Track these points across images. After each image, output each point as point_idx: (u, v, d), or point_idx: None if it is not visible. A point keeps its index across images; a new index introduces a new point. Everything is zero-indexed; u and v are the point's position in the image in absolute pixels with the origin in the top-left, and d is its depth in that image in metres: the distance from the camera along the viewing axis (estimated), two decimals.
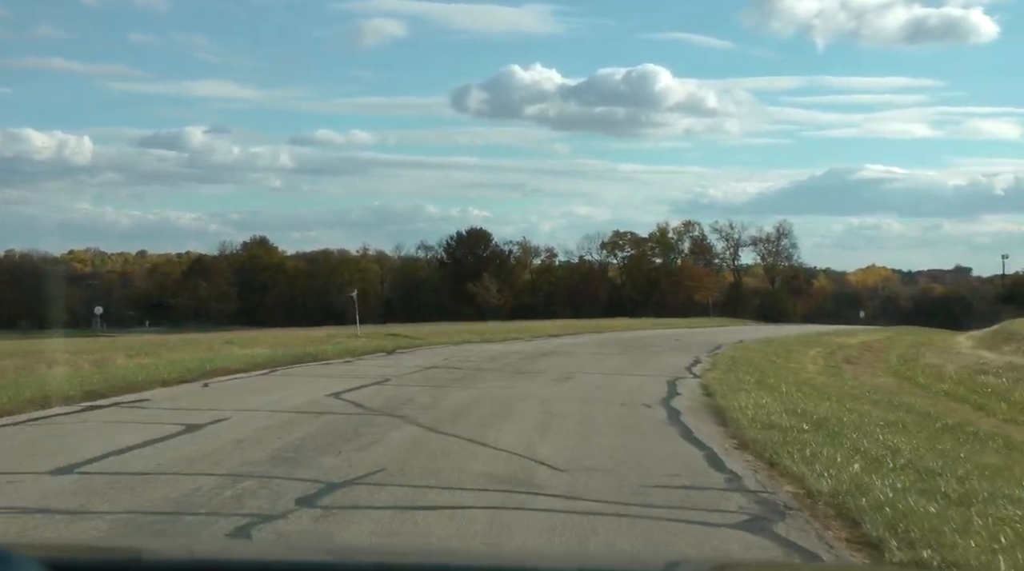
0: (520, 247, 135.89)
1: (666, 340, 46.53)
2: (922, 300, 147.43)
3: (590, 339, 46.49)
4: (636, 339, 47.15)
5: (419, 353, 32.51)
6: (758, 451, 12.49)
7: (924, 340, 61.20)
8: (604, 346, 40.04)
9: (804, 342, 48.44)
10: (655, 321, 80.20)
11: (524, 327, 61.75)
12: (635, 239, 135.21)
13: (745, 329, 68.94)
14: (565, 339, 46.28)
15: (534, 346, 38.49)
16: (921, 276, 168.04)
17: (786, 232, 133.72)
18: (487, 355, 31.58)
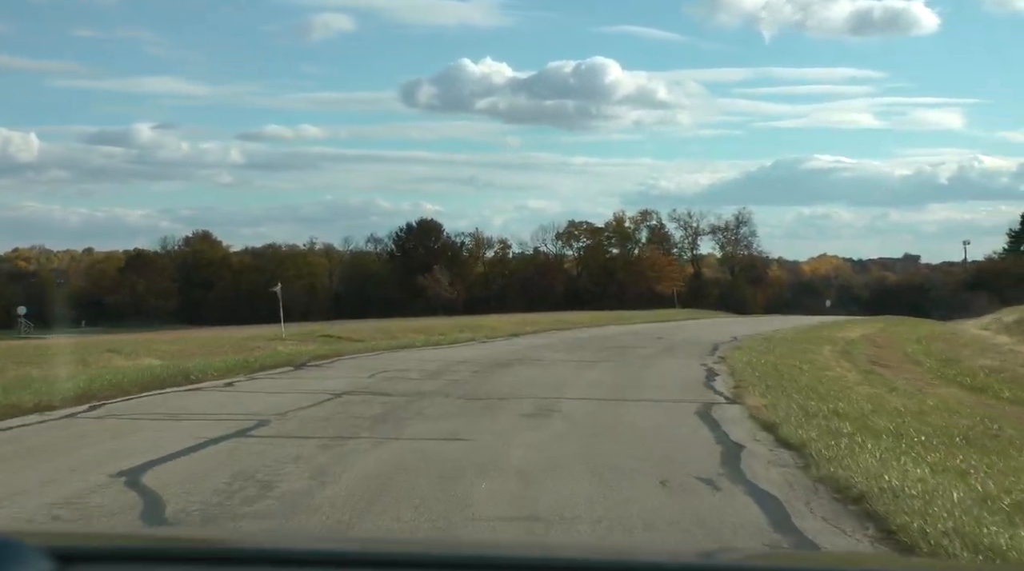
0: (473, 239, 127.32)
1: (645, 338, 38.11)
2: (879, 288, 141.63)
3: (557, 339, 37.93)
4: (610, 338, 38.67)
5: (341, 365, 23.71)
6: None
7: (925, 332, 53.25)
8: (577, 348, 31.49)
9: (806, 339, 40.10)
10: (618, 314, 71.64)
11: (478, 323, 53.18)
12: (591, 229, 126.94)
13: (720, 323, 60.67)
14: (527, 339, 37.75)
15: (492, 350, 29.89)
16: (872, 264, 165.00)
17: (745, 220, 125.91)
18: (431, 367, 22.77)
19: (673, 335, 40.46)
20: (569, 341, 35.73)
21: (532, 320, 60.16)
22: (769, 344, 34.67)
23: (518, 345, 32.83)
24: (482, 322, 54.93)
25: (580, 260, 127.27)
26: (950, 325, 64.54)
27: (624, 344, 33.81)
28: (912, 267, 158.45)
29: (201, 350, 30.43)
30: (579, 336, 39.60)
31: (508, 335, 40.13)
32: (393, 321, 65.83)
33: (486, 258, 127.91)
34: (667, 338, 37.93)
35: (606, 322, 59.12)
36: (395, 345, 32.14)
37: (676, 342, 35.26)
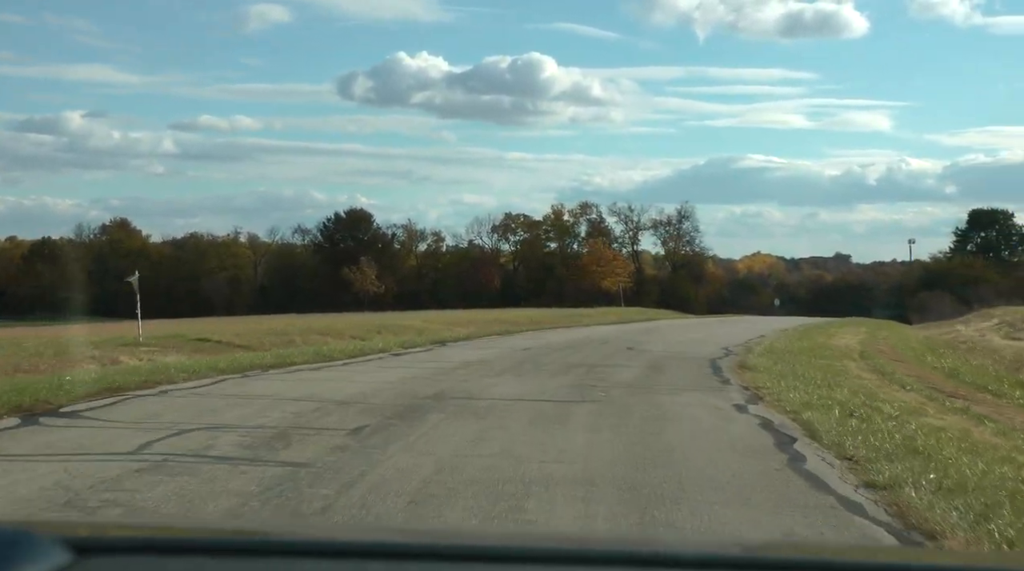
0: (405, 231, 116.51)
1: (614, 348, 27.86)
2: (818, 287, 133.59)
3: (497, 349, 27.34)
4: (568, 348, 28.20)
5: (73, 433, 12.78)
6: None
7: (917, 337, 43.69)
8: (528, 368, 20.93)
9: (815, 351, 29.94)
10: (563, 313, 61.12)
11: (402, 322, 42.90)
12: (528, 222, 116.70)
13: (684, 325, 50.51)
14: (459, 349, 27.29)
15: (405, 373, 19.11)
16: (804, 263, 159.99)
17: (688, 214, 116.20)
18: (257, 436, 11.30)
19: (645, 343, 30.24)
20: (515, 354, 25.23)
21: (467, 319, 49.82)
22: (782, 360, 24.52)
23: (445, 361, 22.30)
24: (407, 321, 44.60)
25: (517, 254, 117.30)
26: (931, 328, 55.00)
27: (592, 359, 23.46)
28: (844, 266, 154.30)
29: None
30: (526, 344, 29.15)
31: (434, 342, 29.65)
32: (311, 317, 55.39)
33: (419, 251, 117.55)
34: (642, 348, 27.69)
35: (553, 322, 48.72)
36: (278, 361, 21.49)
37: (659, 356, 25.04)
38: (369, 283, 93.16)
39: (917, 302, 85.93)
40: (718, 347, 29.39)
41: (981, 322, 49.83)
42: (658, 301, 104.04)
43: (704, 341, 32.36)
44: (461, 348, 27.44)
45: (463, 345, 28.87)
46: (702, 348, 28.80)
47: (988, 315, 54.85)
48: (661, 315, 65.78)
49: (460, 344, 29.20)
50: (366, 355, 23.43)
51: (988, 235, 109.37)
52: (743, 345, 30.89)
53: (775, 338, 35.89)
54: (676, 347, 29.03)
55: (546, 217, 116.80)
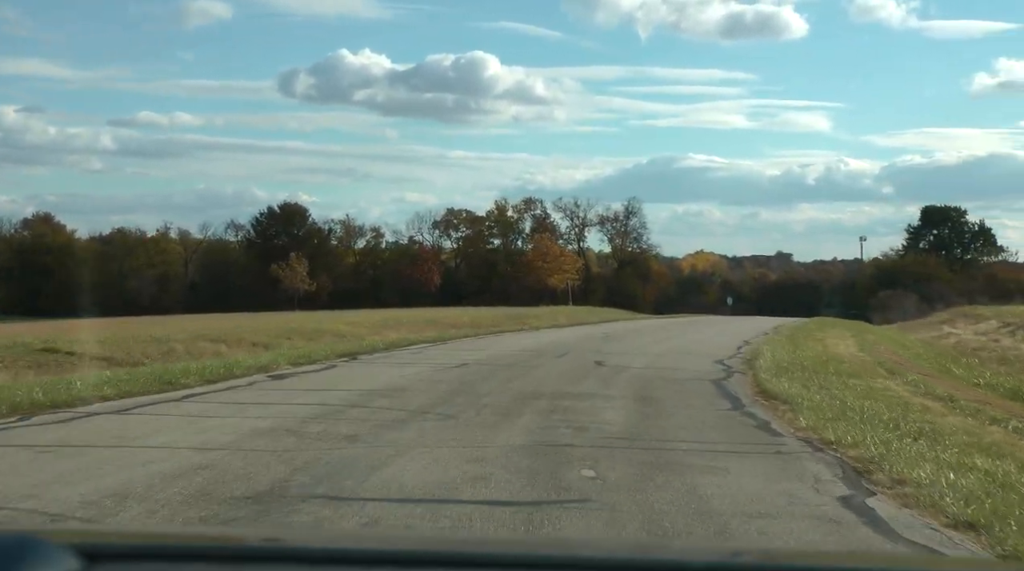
0: (343, 227, 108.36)
1: (582, 365, 20.36)
2: (764, 286, 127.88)
3: (429, 365, 19.66)
4: (518, 361, 20.62)
5: None
6: None
7: (910, 340, 36.80)
8: (465, 408, 13.30)
9: (821, 362, 22.76)
10: (508, 313, 53.49)
11: (327, 326, 35.75)
12: (471, 218, 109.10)
13: (648, 328, 43.25)
14: (376, 367, 19.53)
15: (240, 440, 11.37)
16: (746, 261, 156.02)
17: (635, 210, 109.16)
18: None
19: (614, 354, 22.77)
20: (446, 374, 17.51)
21: (400, 320, 42.45)
22: (807, 382, 17.38)
23: (338, 391, 14.65)
24: (331, 324, 37.32)
25: (459, 251, 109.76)
26: (915, 330, 48.21)
27: (552, 384, 15.93)
28: (786, 265, 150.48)
29: None
30: (463, 357, 21.51)
31: (346, 354, 21.91)
32: (230, 318, 47.98)
33: (358, 248, 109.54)
34: (615, 364, 20.24)
35: (497, 324, 41.26)
36: (118, 388, 13.84)
37: (643, 378, 17.57)
38: (299, 280, 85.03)
39: (879, 301, 79.30)
40: (709, 360, 22.13)
41: (975, 324, 43.05)
42: (604, 300, 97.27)
43: (685, 351, 25.11)
44: (375, 364, 19.82)
45: (381, 358, 21.27)
46: (689, 362, 21.51)
47: (974, 315, 48.20)
48: (614, 315, 58.45)
49: (378, 357, 21.63)
50: (228, 380, 15.67)
51: (941, 232, 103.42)
52: (736, 356, 23.69)
53: (761, 344, 28.75)
54: (656, 361, 21.67)
55: (489, 213, 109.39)
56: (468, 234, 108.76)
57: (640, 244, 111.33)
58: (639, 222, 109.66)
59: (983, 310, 48.69)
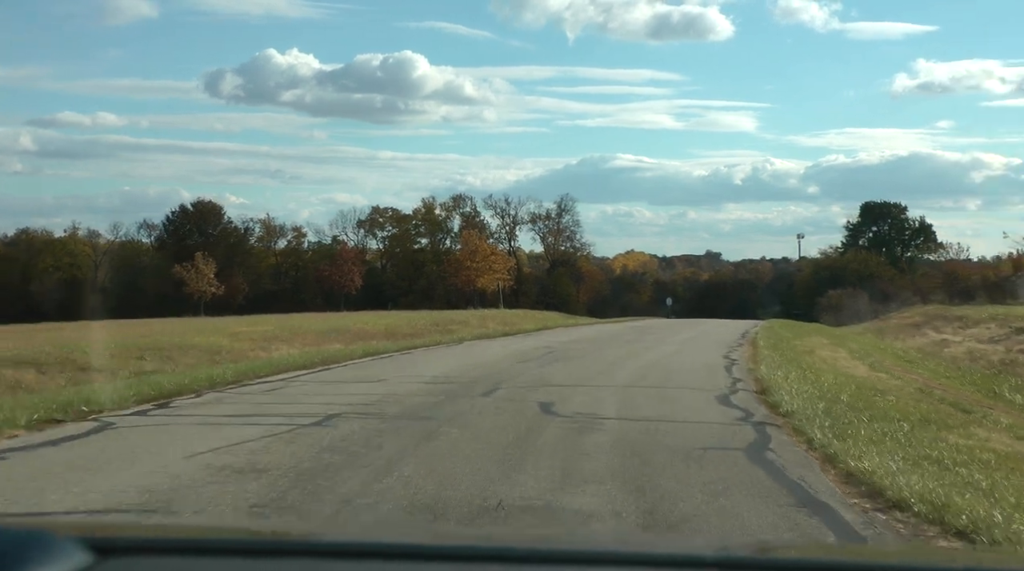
0: (263, 226, 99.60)
1: (518, 414, 12.60)
2: (700, 285, 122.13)
3: (285, 412, 11.78)
4: (429, 415, 12.92)
5: None
6: None
7: (914, 352, 29.64)
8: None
9: (856, 391, 15.26)
10: (432, 318, 45.41)
11: (201, 340, 28.16)
12: (397, 216, 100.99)
13: (591, 337, 35.66)
14: (190, 429, 11.68)
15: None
16: (677, 261, 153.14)
17: (568, 208, 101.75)
18: None
19: (575, 393, 14.86)
20: (277, 463, 9.40)
21: (299, 327, 34.87)
22: (886, 432, 9.80)
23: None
24: (210, 336, 29.78)
25: (385, 251, 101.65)
26: (890, 334, 41.19)
27: (481, 486, 8.25)
28: (716, 264, 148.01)
29: None
30: (341, 403, 13.26)
31: (149, 400, 13.78)
32: (119, 325, 40.11)
33: (279, 249, 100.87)
34: (578, 413, 12.45)
35: (416, 334, 33.56)
36: None
37: (642, 454, 9.80)
38: (206, 283, 76.26)
39: (828, 301, 72.51)
40: (706, 396, 14.55)
41: (965, 328, 36.03)
42: (537, 301, 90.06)
43: (664, 378, 17.45)
44: (193, 422, 11.82)
45: (213, 406, 13.24)
46: (682, 402, 13.86)
47: (952, 317, 41.28)
48: (550, 320, 50.71)
49: (200, 404, 13.56)
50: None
51: (881, 229, 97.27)
52: (739, 386, 16.13)
53: (750, 360, 21.34)
54: (633, 400, 13.89)
55: (416, 211, 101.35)
56: (394, 233, 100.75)
57: (574, 243, 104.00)
58: (572, 220, 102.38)
59: (966, 311, 41.80)
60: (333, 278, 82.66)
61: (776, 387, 15.52)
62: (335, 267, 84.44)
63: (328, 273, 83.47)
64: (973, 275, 59.38)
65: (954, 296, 59.69)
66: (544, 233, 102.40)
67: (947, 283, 60.23)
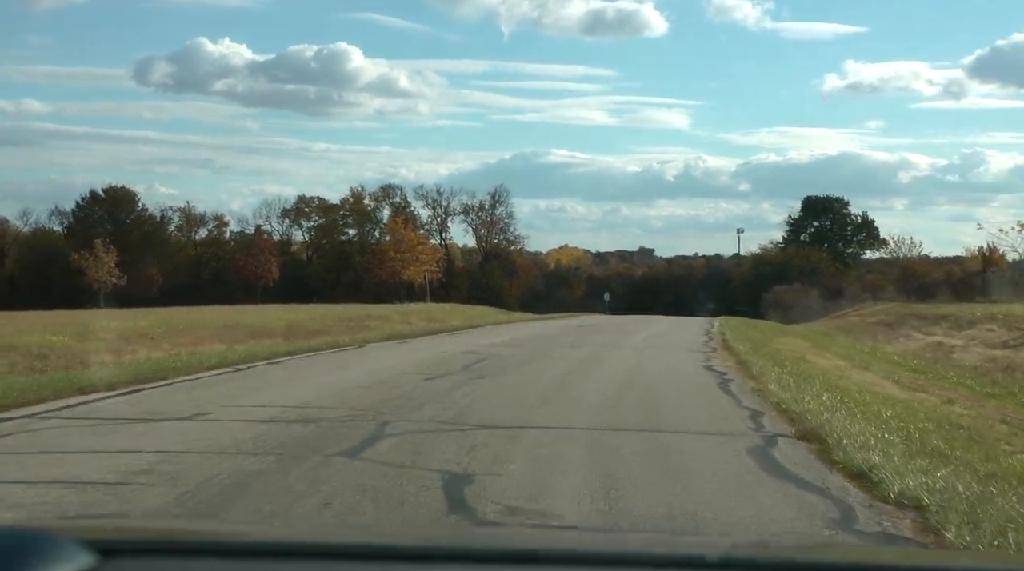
0: (183, 214, 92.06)
1: (402, 486, 6.33)
2: (636, 281, 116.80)
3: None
4: (249, 472, 6.75)
5: None
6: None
7: (932, 362, 23.83)
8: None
9: (948, 433, 9.13)
10: (346, 313, 38.82)
11: (48, 340, 21.18)
12: (324, 206, 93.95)
13: (528, 336, 29.43)
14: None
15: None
16: (610, 256, 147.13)
17: (502, 199, 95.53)
18: None
19: (521, 445, 8.74)
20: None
21: (183, 323, 28.60)
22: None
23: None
24: (47, 334, 22.97)
25: (312, 242, 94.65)
26: (867, 336, 35.49)
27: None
28: (649, 260, 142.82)
29: None
30: (160, 448, 7.26)
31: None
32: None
33: (199, 238, 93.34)
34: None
35: (324, 331, 27.17)
36: None
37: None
38: (106, 272, 68.75)
39: (774, 297, 67.01)
40: (731, 449, 8.36)
41: (961, 329, 30.35)
42: (468, 295, 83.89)
43: (654, 417, 11.11)
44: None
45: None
46: (703, 472, 7.59)
47: (934, 317, 35.73)
48: (480, 316, 44.31)
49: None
50: None
51: (822, 224, 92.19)
52: (776, 428, 9.92)
53: (754, 377, 15.20)
54: (624, 484, 7.63)
55: (344, 201, 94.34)
56: (321, 224, 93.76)
57: (507, 235, 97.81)
58: (506, 212, 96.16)
59: (947, 310, 36.24)
60: (248, 269, 75.38)
61: (820, 424, 9.44)
62: (251, 258, 77.06)
63: (244, 264, 76.10)
64: (933, 271, 53.93)
65: (910, 293, 54.36)
66: (477, 225, 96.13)
67: (903, 279, 54.82)
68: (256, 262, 76.09)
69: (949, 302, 45.06)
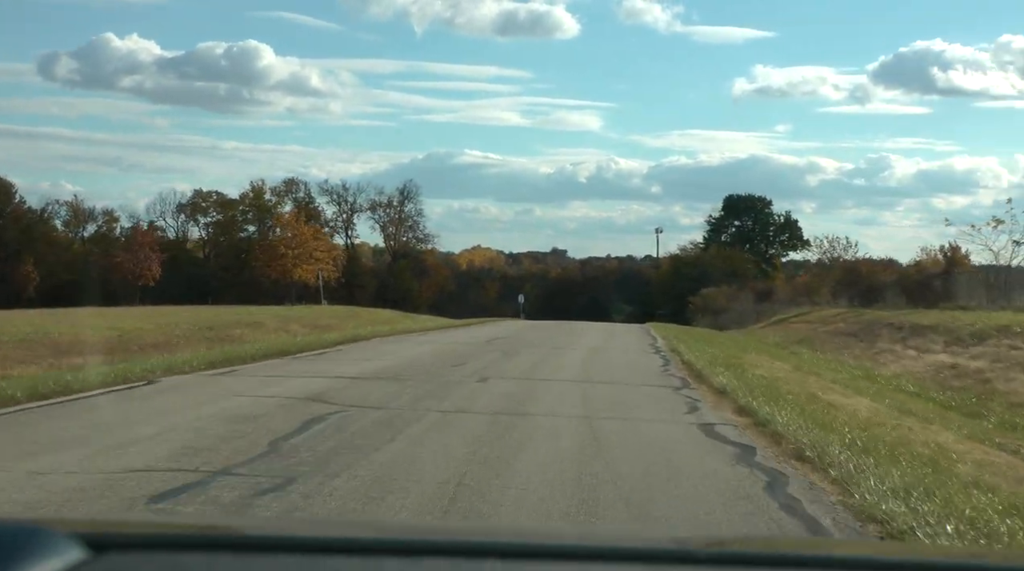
0: (70, 209, 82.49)
1: None
2: (550, 283, 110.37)
3: None
4: None
5: None
6: None
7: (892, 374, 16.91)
8: None
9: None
10: (219, 316, 30.73)
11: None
12: (223, 201, 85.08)
13: (417, 351, 21.67)
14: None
15: None
16: (523, 257, 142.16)
17: (411, 194, 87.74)
18: None
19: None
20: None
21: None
22: None
23: None
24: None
25: (210, 240, 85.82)
26: (843, 349, 28.64)
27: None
28: (562, 261, 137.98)
29: None
30: None
31: None
32: None
33: (89, 235, 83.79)
34: None
35: (168, 343, 19.07)
36: None
37: None
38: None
39: (702, 300, 60.24)
40: None
41: (969, 346, 23.46)
42: (376, 297, 76.10)
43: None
44: None
45: None
46: None
47: (907, 326, 29.06)
48: (379, 320, 36.49)
49: None
50: None
51: (744, 224, 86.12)
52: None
53: (793, 451, 7.83)
54: None
55: (244, 195, 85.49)
56: (219, 220, 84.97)
57: (416, 233, 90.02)
58: (415, 209, 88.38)
59: (929, 319, 29.52)
60: (126, 267, 66.38)
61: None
62: (130, 254, 67.97)
63: (121, 261, 66.97)
64: (879, 273, 47.54)
65: (852, 297, 47.93)
66: (384, 222, 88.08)
67: (846, 282, 48.38)
68: (135, 259, 67.09)
69: (904, 308, 38.63)
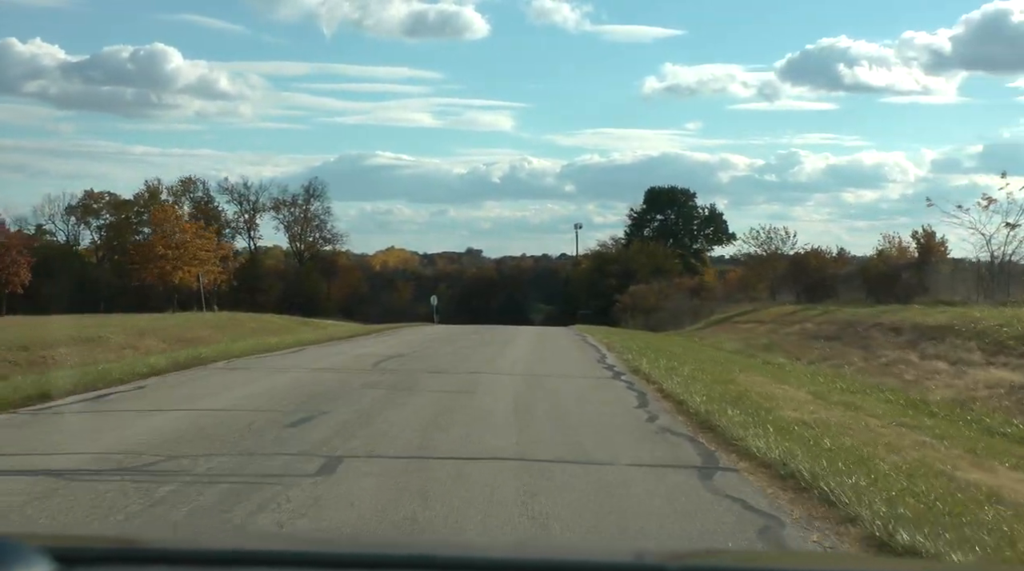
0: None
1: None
2: (466, 283, 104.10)
3: None
4: None
5: None
6: None
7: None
8: None
9: None
10: (50, 328, 23.34)
11: None
12: (116, 202, 76.70)
13: (266, 377, 14.51)
14: None
15: None
16: (438, 257, 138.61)
17: (317, 193, 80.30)
18: None
19: None
20: None
21: None
22: None
23: None
24: None
25: (103, 243, 77.43)
26: (789, 352, 22.40)
27: None
28: (478, 261, 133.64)
29: None
30: None
31: None
32: None
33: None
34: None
35: None
36: None
37: None
38: None
39: (632, 298, 53.94)
40: None
41: (993, 353, 17.28)
42: (281, 301, 68.71)
43: None
44: None
45: None
46: None
47: (891, 328, 22.92)
48: (255, 329, 29.22)
49: None
50: None
51: (668, 218, 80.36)
52: None
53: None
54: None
55: (138, 196, 77.17)
56: (112, 222, 76.57)
57: (324, 233, 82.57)
58: (322, 207, 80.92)
59: (922, 317, 23.41)
60: (40, 275, 57.36)
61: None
62: (42, 263, 58.80)
63: (35, 270, 57.57)
64: (829, 266, 41.71)
65: (799, 293, 42.09)
66: (289, 222, 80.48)
67: (792, 276, 42.49)
68: (48, 268, 58.33)
69: (864, 304, 32.72)
